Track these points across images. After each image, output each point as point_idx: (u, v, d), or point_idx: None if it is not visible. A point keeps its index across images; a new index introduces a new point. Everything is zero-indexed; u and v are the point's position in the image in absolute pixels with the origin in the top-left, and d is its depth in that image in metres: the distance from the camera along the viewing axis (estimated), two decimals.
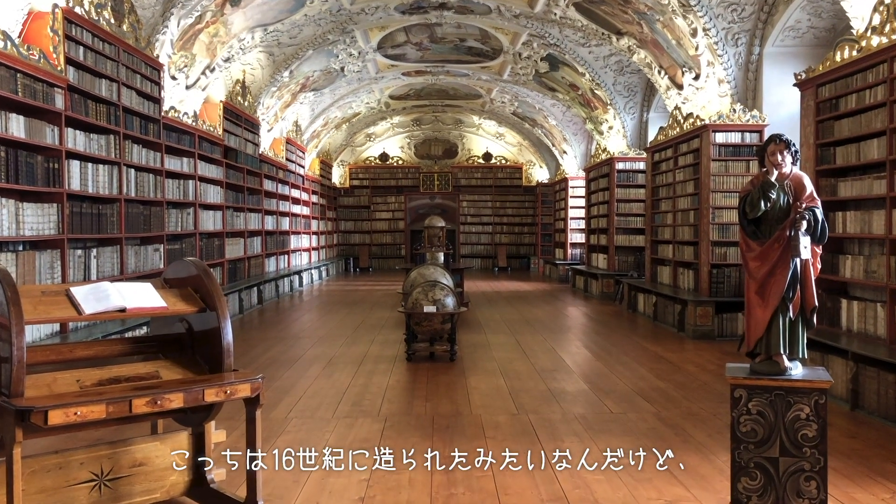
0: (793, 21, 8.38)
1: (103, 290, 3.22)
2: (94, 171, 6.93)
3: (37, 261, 5.92)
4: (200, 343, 3.46)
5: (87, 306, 3.12)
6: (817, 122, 6.54)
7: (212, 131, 10.66)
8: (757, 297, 3.28)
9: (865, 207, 5.92)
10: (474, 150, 23.78)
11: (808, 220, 3.17)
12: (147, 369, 3.29)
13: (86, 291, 3.21)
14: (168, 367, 3.35)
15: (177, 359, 3.45)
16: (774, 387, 3.16)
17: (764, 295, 3.26)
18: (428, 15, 11.89)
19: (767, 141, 3.34)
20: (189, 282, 3.54)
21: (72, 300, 3.13)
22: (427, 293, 7.45)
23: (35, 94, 5.95)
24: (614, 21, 10.45)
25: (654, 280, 11.30)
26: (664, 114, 12.77)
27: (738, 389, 3.23)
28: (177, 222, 9.21)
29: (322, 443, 4.56)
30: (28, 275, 5.77)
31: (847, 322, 6.00)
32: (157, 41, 8.46)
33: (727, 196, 9.07)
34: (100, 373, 3.16)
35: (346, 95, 16.93)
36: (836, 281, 6.17)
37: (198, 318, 3.46)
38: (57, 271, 6.20)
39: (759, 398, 3.18)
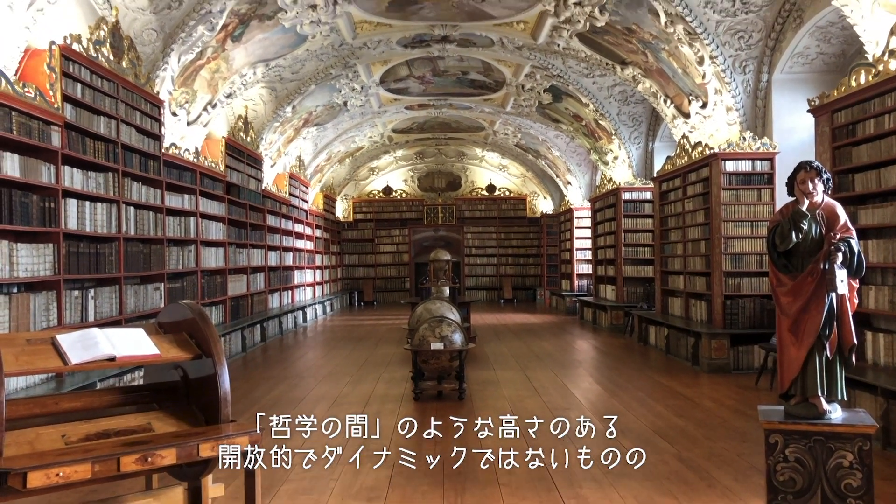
0: (801, 47, 8.26)
1: (92, 338, 3.02)
2: (92, 209, 6.77)
3: (31, 303, 5.72)
4: (196, 391, 3.25)
5: (74, 356, 2.91)
6: (833, 148, 6.36)
7: (213, 167, 10.53)
8: (790, 334, 3.07)
9: (888, 236, 5.72)
10: (478, 182, 23.68)
11: (843, 252, 2.97)
12: (139, 422, 3.07)
13: (73, 339, 3.00)
14: (161, 419, 3.13)
15: (171, 409, 3.24)
16: (814, 432, 2.93)
17: (798, 332, 3.04)
18: (430, 48, 11.82)
19: (797, 168, 3.16)
20: (184, 326, 3.34)
21: (58, 349, 2.93)
22: (434, 329, 7.23)
23: (31, 133, 5.81)
24: (618, 51, 10.36)
25: (665, 312, 11.06)
26: (670, 143, 12.63)
27: (774, 435, 3.00)
28: (178, 260, 9.03)
29: (327, 492, 4.33)
30: (22, 318, 5.57)
31: (873, 355, 5.76)
32: (157, 77, 8.35)
33: (739, 225, 8.87)
34: (87, 426, 2.94)
35: (349, 130, 16.86)
36: (860, 312, 5.95)
37: (193, 365, 3.25)
38: (52, 313, 6.01)
39: (796, 444, 2.95)
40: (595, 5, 9.16)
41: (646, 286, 13.26)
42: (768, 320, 8.63)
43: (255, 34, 9.67)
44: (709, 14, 8.32)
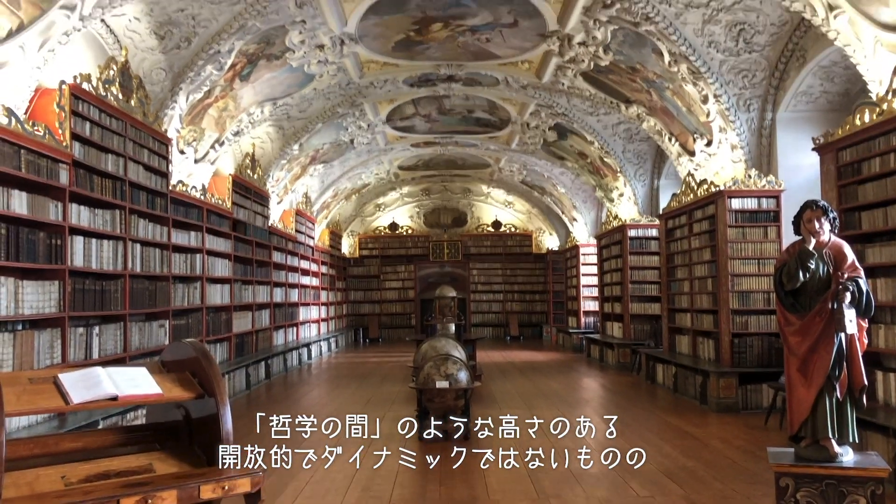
0: (805, 86, 8.31)
1: (94, 377, 3.01)
2: (99, 246, 6.79)
3: (35, 340, 5.71)
4: (199, 431, 3.22)
5: (76, 395, 2.89)
6: (839, 186, 6.36)
7: (220, 204, 10.58)
8: (799, 374, 3.04)
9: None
10: (483, 218, 23.73)
11: (851, 292, 2.95)
12: (140, 462, 3.04)
13: (75, 378, 2.99)
14: (163, 459, 3.10)
15: (173, 449, 3.21)
16: (825, 475, 2.87)
17: (807, 373, 3.01)
18: (436, 87, 11.93)
19: (803, 207, 3.16)
20: (187, 365, 3.33)
21: (60, 388, 2.91)
22: (439, 367, 7.18)
23: (39, 171, 5.85)
24: (623, 90, 10.43)
25: (673, 350, 10.98)
26: (675, 180, 12.66)
27: (784, 478, 2.94)
28: (183, 297, 9.03)
29: None
30: (26, 355, 5.56)
31: (884, 396, 5.69)
32: (165, 116, 8.44)
33: (746, 263, 8.84)
34: (88, 467, 2.91)
35: (355, 167, 16.96)
36: (870, 352, 5.88)
37: (196, 405, 3.23)
38: (57, 351, 5.99)
39: (808, 488, 2.90)
40: (599, 45, 9.25)
41: (653, 323, 13.18)
42: (777, 359, 8.55)
43: (263, 73, 9.78)
44: (712, 53, 8.39)
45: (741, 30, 8.12)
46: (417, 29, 9.54)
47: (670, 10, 7.93)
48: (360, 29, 9.29)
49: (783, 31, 8.04)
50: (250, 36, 8.53)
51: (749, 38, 8.18)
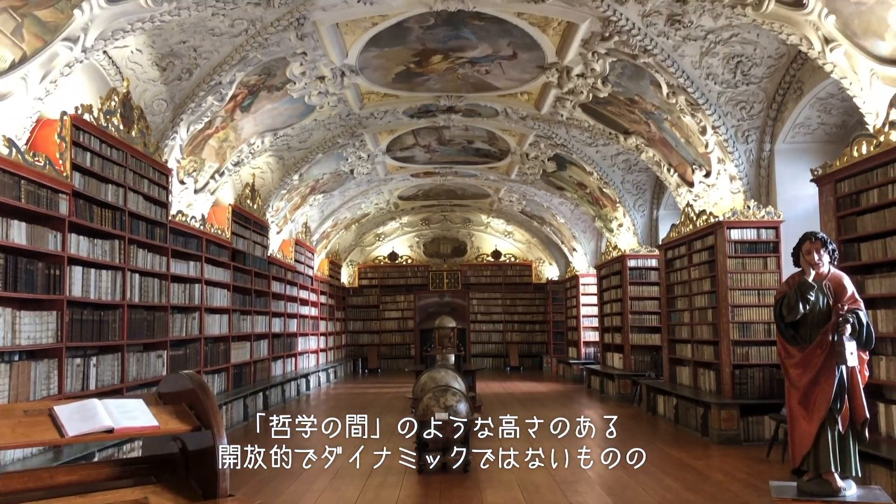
0: (802, 118, 8.36)
1: (90, 409, 2.97)
2: (97, 276, 6.77)
3: (32, 371, 5.67)
4: (195, 464, 3.18)
5: (72, 427, 2.86)
6: (838, 217, 6.37)
7: (220, 234, 10.59)
8: (801, 407, 3.01)
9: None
10: (483, 248, 23.74)
11: (851, 324, 2.93)
12: (135, 496, 3.00)
13: (71, 410, 2.96)
14: (159, 493, 3.05)
15: (169, 482, 3.16)
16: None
17: (808, 406, 2.98)
18: (436, 118, 12.01)
19: (802, 239, 3.16)
20: (184, 397, 3.29)
21: (55, 421, 2.88)
22: (438, 399, 7.13)
23: (39, 201, 5.86)
24: (621, 121, 10.50)
25: (673, 381, 10.92)
26: (674, 211, 12.68)
27: None
28: (181, 327, 9.00)
29: None
30: (22, 387, 5.52)
31: (887, 428, 5.64)
32: (166, 146, 8.48)
33: (746, 294, 8.82)
34: (83, 501, 2.87)
35: (355, 197, 17.01)
36: (871, 384, 5.84)
37: (192, 438, 3.19)
38: (53, 382, 5.95)
39: None
40: (598, 77, 9.33)
41: (653, 354, 13.12)
42: (778, 390, 8.50)
43: (264, 104, 9.85)
44: (710, 85, 8.46)
45: (738, 62, 8.20)
46: (417, 61, 9.63)
47: (668, 43, 8.01)
48: (361, 61, 9.38)
49: (780, 64, 8.11)
50: (251, 67, 8.60)
51: (746, 70, 8.26)
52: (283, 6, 7.47)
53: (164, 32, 7.53)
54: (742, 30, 7.65)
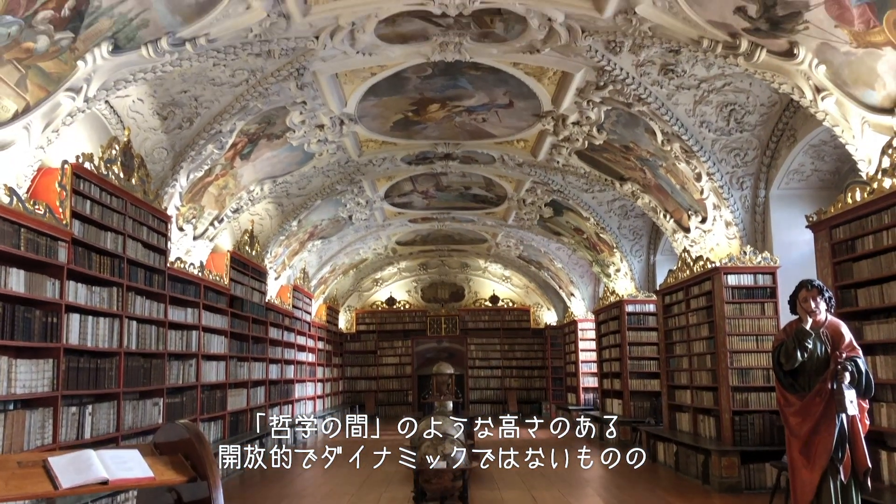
0: (796, 164, 8.46)
1: (85, 460, 2.96)
2: (95, 324, 6.75)
3: (27, 420, 5.62)
4: None
5: (66, 479, 2.84)
6: (834, 263, 6.41)
7: (218, 281, 10.59)
8: (801, 457, 3.00)
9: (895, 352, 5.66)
10: (481, 293, 23.73)
11: (850, 372, 2.94)
12: None
13: (66, 462, 2.94)
14: None
15: None
16: None
17: (809, 455, 2.97)
18: (433, 165, 12.12)
19: (798, 287, 3.18)
20: (180, 447, 3.27)
21: (49, 473, 2.86)
22: (436, 447, 7.06)
23: (38, 249, 5.88)
24: (617, 167, 10.61)
25: (673, 427, 10.83)
26: (671, 256, 12.72)
27: None
28: (178, 375, 8.94)
29: None
30: (16, 436, 5.46)
31: (890, 476, 5.58)
32: (165, 194, 8.54)
33: (744, 339, 8.81)
34: None
35: (353, 242, 17.06)
36: (873, 431, 5.80)
37: (188, 488, 3.16)
38: (48, 431, 5.89)
39: None
40: (593, 125, 9.45)
41: (653, 400, 13.02)
42: (779, 437, 8.42)
43: (264, 152, 9.95)
44: (704, 133, 8.57)
45: (732, 110, 8.32)
46: (415, 109, 9.77)
47: (662, 92, 8.14)
48: (360, 109, 9.51)
49: (773, 112, 8.23)
50: (251, 116, 8.71)
51: (740, 117, 8.38)
52: (284, 57, 7.59)
53: (166, 82, 7.64)
54: (735, 79, 7.78)
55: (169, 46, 6.37)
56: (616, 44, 7.37)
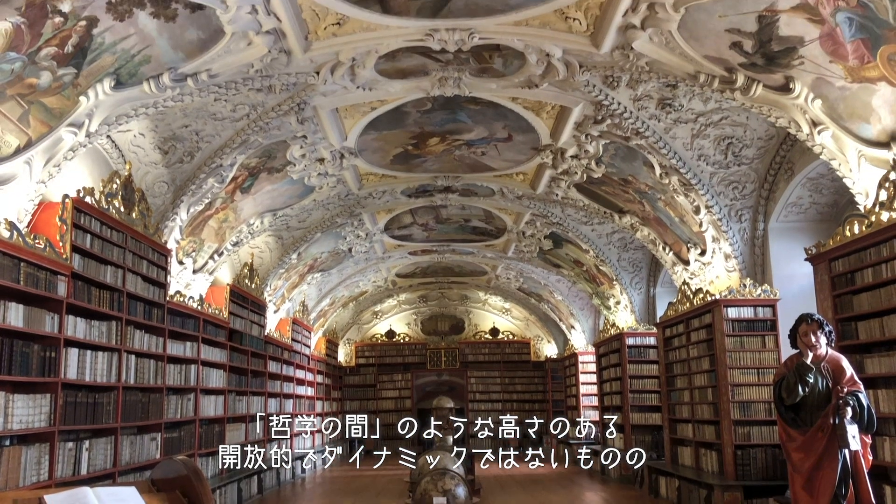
0: (794, 197, 8.48)
1: (81, 498, 2.93)
2: (93, 358, 6.73)
3: (23, 456, 5.58)
4: None
5: None
6: (834, 296, 6.40)
7: (217, 314, 10.56)
8: (805, 493, 2.97)
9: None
10: (481, 325, 23.65)
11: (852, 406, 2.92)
12: None
13: (62, 499, 2.91)
14: None
15: None
16: None
17: (813, 491, 2.94)
18: (433, 198, 12.17)
19: (798, 321, 3.17)
20: (178, 483, 3.25)
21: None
22: (436, 483, 7.00)
23: (37, 283, 5.88)
24: (616, 200, 10.64)
25: (675, 461, 10.73)
26: (671, 288, 12.70)
27: None
28: (176, 409, 8.88)
29: None
30: (12, 472, 5.41)
31: None
32: (165, 227, 8.56)
33: (745, 372, 8.75)
34: None
35: (353, 275, 17.06)
36: (876, 465, 5.75)
37: None
38: (44, 467, 5.84)
39: None
40: (591, 158, 9.51)
41: (654, 434, 12.91)
42: (781, 471, 8.32)
43: (264, 185, 9.99)
44: (702, 166, 8.61)
45: (729, 143, 8.37)
46: (415, 143, 9.83)
47: (659, 126, 8.20)
48: (360, 143, 9.57)
49: (770, 145, 8.28)
50: (252, 150, 8.76)
51: (737, 151, 8.42)
52: (285, 92, 7.66)
53: (167, 117, 7.70)
54: (732, 113, 7.85)
55: (171, 82, 6.43)
56: (613, 78, 7.45)
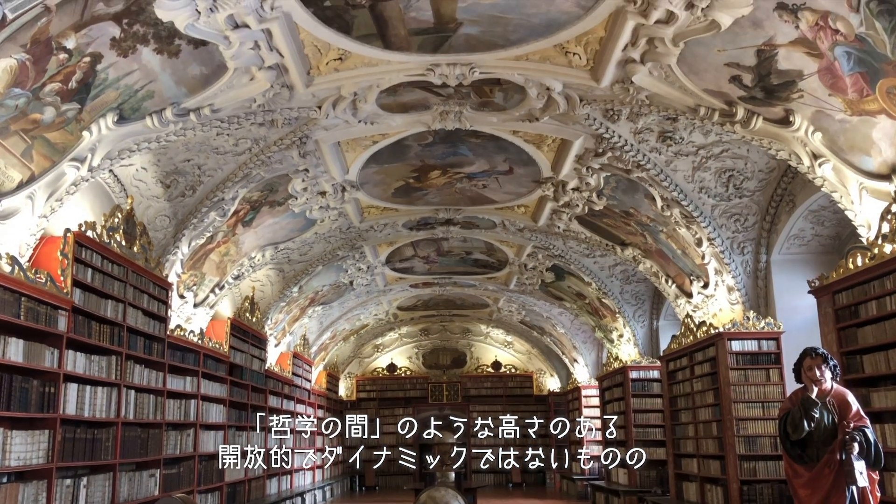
0: (796, 229, 8.47)
1: None
2: (92, 393, 6.67)
3: (20, 494, 5.51)
4: None
5: None
6: (838, 329, 6.36)
7: (217, 348, 10.50)
8: None
9: None
10: (483, 358, 23.50)
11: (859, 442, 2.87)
12: None
13: None
14: None
15: None
16: None
17: None
18: (435, 230, 12.18)
19: (802, 355, 3.14)
20: None
21: None
22: None
23: (38, 318, 5.85)
24: (618, 233, 10.64)
25: (680, 497, 10.57)
26: (674, 321, 12.64)
27: None
28: (175, 445, 8.78)
29: None
30: None
31: None
32: (167, 261, 8.55)
33: (750, 406, 8.66)
34: None
35: (354, 308, 17.01)
36: (883, 502, 5.66)
37: None
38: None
39: None
40: (592, 191, 9.52)
41: (659, 469, 12.74)
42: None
43: (266, 219, 10.00)
44: (703, 199, 8.62)
45: (730, 176, 8.38)
46: (417, 176, 9.86)
47: (660, 158, 8.22)
48: (361, 176, 9.60)
49: (771, 177, 8.29)
50: (254, 184, 8.79)
51: (739, 183, 8.43)
52: (287, 126, 7.70)
53: (170, 151, 7.73)
54: (732, 145, 7.86)
55: (173, 116, 6.47)
56: (614, 112, 7.48)
